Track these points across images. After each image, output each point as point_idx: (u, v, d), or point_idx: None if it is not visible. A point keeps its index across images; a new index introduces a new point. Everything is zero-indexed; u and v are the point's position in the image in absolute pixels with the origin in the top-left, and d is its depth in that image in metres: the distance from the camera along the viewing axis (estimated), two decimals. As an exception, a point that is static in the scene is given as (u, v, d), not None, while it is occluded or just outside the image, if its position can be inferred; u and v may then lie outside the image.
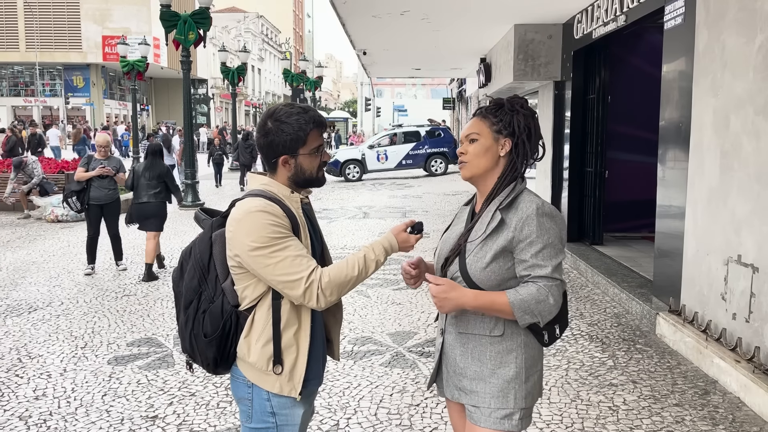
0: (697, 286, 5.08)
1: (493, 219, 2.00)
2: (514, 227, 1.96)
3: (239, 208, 2.05)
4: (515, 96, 2.13)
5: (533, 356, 2.05)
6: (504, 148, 2.05)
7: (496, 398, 2.01)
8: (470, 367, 2.05)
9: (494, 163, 2.06)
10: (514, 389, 2.01)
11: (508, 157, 2.05)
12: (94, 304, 6.43)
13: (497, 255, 1.98)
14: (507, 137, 2.05)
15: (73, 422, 3.89)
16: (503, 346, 2.02)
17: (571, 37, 9.02)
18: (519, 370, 2.01)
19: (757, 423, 3.85)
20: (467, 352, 2.06)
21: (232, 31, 63.89)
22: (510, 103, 2.08)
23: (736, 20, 4.60)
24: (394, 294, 6.71)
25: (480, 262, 1.99)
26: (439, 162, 22.24)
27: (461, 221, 2.17)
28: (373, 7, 8.76)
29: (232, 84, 25.71)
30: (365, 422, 3.85)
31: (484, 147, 2.05)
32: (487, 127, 2.06)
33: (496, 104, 2.09)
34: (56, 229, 11.13)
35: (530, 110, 2.09)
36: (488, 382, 2.02)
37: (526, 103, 2.10)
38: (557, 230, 1.97)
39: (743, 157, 4.47)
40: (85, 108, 47.38)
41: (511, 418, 2.00)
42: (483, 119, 2.08)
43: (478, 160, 2.06)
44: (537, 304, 1.92)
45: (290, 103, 2.16)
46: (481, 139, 2.06)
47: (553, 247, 1.95)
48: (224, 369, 2.15)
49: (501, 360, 2.02)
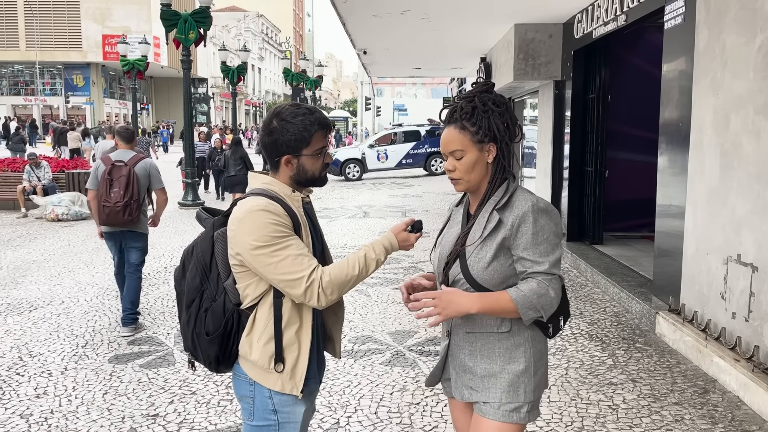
0: (696, 286, 5.09)
1: (490, 220, 1.99)
2: (510, 225, 1.96)
3: (241, 207, 2.06)
4: (482, 90, 2.05)
5: (540, 350, 2.07)
6: (490, 154, 2.02)
7: (507, 392, 2.02)
8: (480, 365, 2.05)
9: (485, 172, 2.05)
10: (524, 383, 2.02)
11: (495, 160, 2.04)
12: (95, 303, 6.44)
13: (497, 253, 1.98)
14: (490, 142, 2.02)
15: (74, 420, 3.90)
16: (511, 342, 2.03)
17: (572, 37, 9.02)
18: (528, 364, 2.03)
19: (756, 422, 3.86)
20: (476, 350, 2.06)
21: (232, 30, 63.88)
22: (482, 102, 2.01)
23: (736, 20, 4.61)
24: (394, 293, 6.72)
25: (481, 263, 1.99)
26: (439, 161, 22.22)
27: (457, 223, 2.16)
28: (374, 6, 8.76)
29: (232, 83, 25.74)
30: (365, 420, 3.86)
31: (471, 162, 2.02)
32: (468, 139, 2.01)
33: (466, 107, 2.02)
34: (57, 228, 11.14)
35: (503, 103, 2.03)
36: (499, 377, 2.03)
37: (498, 95, 2.04)
38: (552, 226, 1.97)
39: (743, 156, 4.48)
40: (85, 107, 47.38)
41: (520, 411, 2.02)
42: (462, 131, 2.01)
43: (469, 175, 2.04)
44: (539, 299, 1.92)
45: (296, 104, 2.17)
46: (467, 153, 2.02)
47: (549, 243, 1.95)
48: (226, 367, 2.16)
49: (510, 355, 2.03)
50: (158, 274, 7.64)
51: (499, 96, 2.04)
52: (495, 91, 2.07)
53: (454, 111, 2.05)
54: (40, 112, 45.83)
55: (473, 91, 2.05)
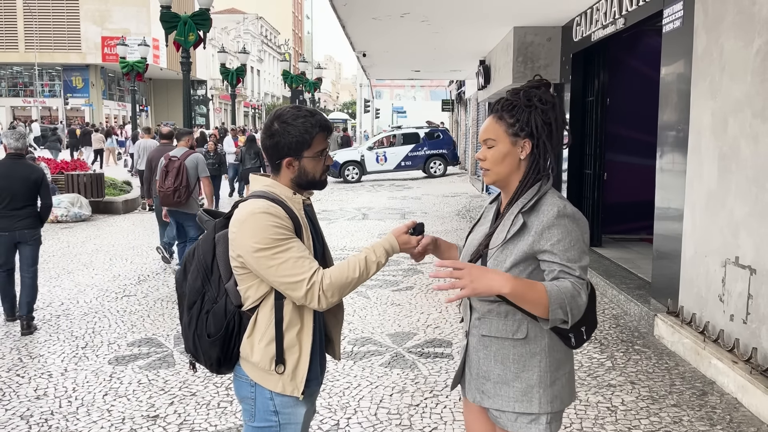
0: (695, 288, 5.11)
1: (515, 223, 1.92)
2: (535, 231, 1.88)
3: (242, 210, 2.07)
4: (534, 85, 1.97)
5: (558, 359, 1.98)
6: (524, 150, 1.95)
7: (520, 402, 1.95)
8: (493, 371, 1.99)
9: (515, 167, 1.97)
10: (539, 393, 1.94)
11: (530, 158, 1.96)
12: (94, 305, 6.45)
13: (518, 260, 1.90)
14: (526, 138, 1.94)
15: (74, 421, 3.91)
16: (526, 350, 1.95)
17: (570, 40, 9.05)
18: (543, 374, 1.95)
19: (754, 423, 3.87)
20: (490, 355, 1.99)
21: (231, 32, 63.92)
22: (527, 97, 1.93)
23: (734, 24, 4.63)
24: (393, 295, 6.73)
25: (500, 267, 1.91)
26: (438, 163, 22.28)
27: (487, 221, 2.09)
28: (374, 9, 8.78)
29: (231, 85, 25.72)
30: (365, 422, 3.87)
31: (501, 153, 1.96)
32: (503, 130, 1.95)
33: (512, 99, 1.95)
34: (56, 229, 11.14)
35: (550, 102, 1.93)
36: (512, 386, 1.96)
37: (546, 92, 1.94)
38: (579, 232, 1.88)
39: (741, 159, 4.50)
40: (84, 109, 47.36)
41: (538, 422, 1.95)
42: (498, 121, 1.96)
43: (498, 167, 1.97)
44: (571, 299, 1.81)
45: (297, 106, 2.18)
46: (499, 144, 1.96)
47: (576, 249, 1.86)
48: (227, 369, 2.17)
49: (524, 364, 1.95)
50: (157, 276, 7.65)
51: (548, 94, 1.95)
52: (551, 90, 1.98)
53: (498, 101, 1.99)
54: (39, 114, 45.79)
55: (523, 86, 1.98)
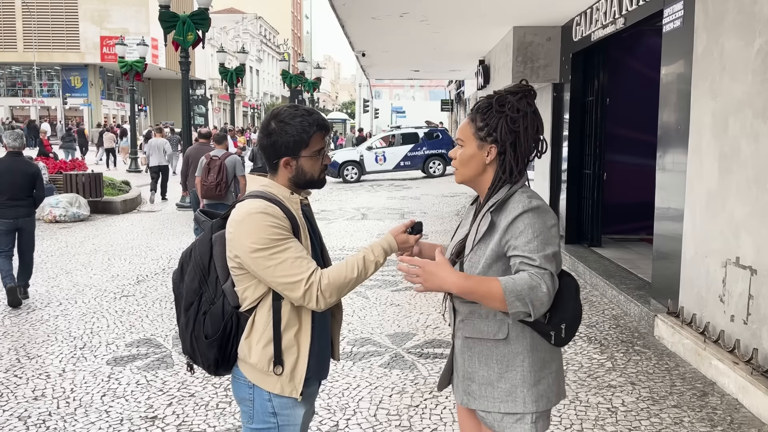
0: (695, 288, 5.09)
1: (483, 222, 1.95)
2: (502, 229, 1.90)
3: (240, 210, 2.05)
4: (512, 91, 1.96)
5: (542, 359, 1.98)
6: (490, 155, 1.96)
7: (505, 402, 1.96)
8: (478, 372, 2.00)
9: (481, 169, 1.99)
10: (523, 393, 1.95)
11: (497, 162, 1.97)
12: (93, 305, 6.43)
13: (490, 261, 1.92)
14: (492, 144, 1.95)
15: (72, 422, 3.89)
16: (509, 350, 1.96)
17: (570, 40, 9.04)
18: (526, 373, 1.96)
19: (755, 424, 3.86)
20: (474, 356, 2.01)
21: (230, 32, 63.88)
22: (499, 102, 1.94)
23: (734, 23, 4.62)
24: (392, 295, 6.72)
25: (474, 269, 1.94)
26: (437, 163, 22.26)
27: (467, 223, 2.12)
28: (373, 8, 8.77)
29: (230, 85, 25.72)
30: (365, 423, 3.86)
31: (467, 155, 1.99)
32: (472, 132, 1.97)
33: (486, 102, 1.97)
34: (54, 229, 11.11)
35: (522, 111, 1.93)
36: (496, 386, 1.98)
37: (522, 100, 1.94)
38: (542, 224, 1.88)
39: (742, 159, 4.49)
40: (83, 108, 47.31)
41: (524, 421, 1.96)
42: (470, 122, 1.98)
43: (463, 168, 2.01)
44: (530, 291, 1.80)
45: (295, 105, 2.16)
46: (466, 146, 1.99)
47: (538, 240, 1.86)
48: (225, 370, 2.15)
49: (508, 364, 1.96)
50: (156, 276, 7.63)
51: (524, 102, 1.94)
52: (531, 98, 1.97)
53: (476, 102, 2.03)
54: (37, 114, 45.75)
55: (501, 90, 1.99)
